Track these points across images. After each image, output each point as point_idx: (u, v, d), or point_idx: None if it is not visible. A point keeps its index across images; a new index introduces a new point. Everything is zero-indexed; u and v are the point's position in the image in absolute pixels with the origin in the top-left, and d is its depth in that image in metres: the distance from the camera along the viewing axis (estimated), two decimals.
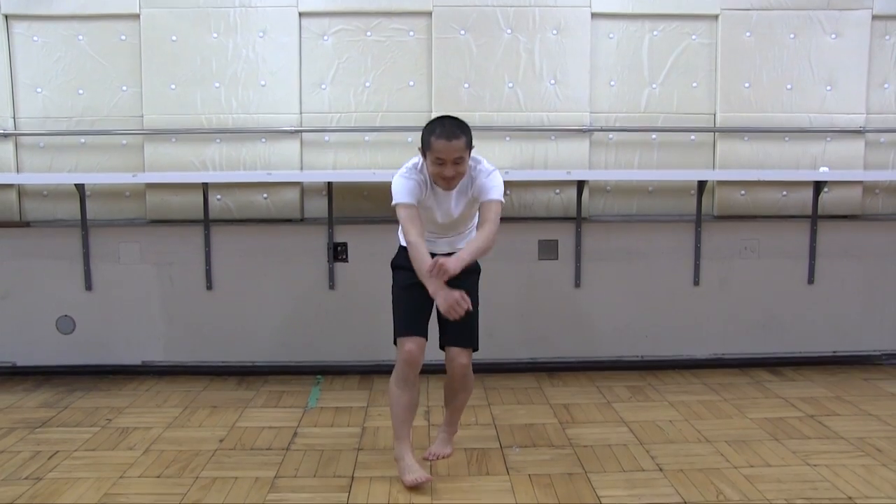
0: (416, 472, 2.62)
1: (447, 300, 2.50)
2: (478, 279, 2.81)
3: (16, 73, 3.99)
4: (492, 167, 2.69)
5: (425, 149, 2.60)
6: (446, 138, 2.54)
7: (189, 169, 4.00)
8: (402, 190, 2.63)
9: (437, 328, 2.75)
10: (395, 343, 2.71)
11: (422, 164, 2.66)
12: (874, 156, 4.17)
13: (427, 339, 2.70)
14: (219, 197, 4.02)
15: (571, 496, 2.56)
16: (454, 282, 2.58)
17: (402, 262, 2.76)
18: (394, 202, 2.63)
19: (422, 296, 2.63)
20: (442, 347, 2.77)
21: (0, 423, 3.35)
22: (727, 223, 4.12)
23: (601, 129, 4.06)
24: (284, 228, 4.04)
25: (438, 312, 2.66)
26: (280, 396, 3.72)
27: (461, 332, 2.71)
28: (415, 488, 2.60)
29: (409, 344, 2.65)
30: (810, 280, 4.14)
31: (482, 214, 2.67)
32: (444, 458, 2.88)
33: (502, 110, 3.98)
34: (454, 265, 2.49)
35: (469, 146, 2.60)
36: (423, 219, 2.66)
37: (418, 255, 2.56)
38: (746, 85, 4.08)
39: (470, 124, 2.64)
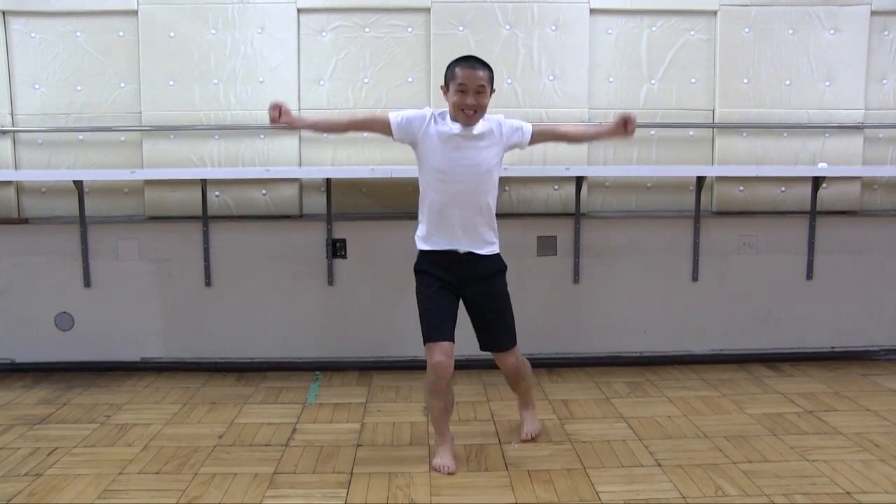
0: (443, 459, 2.74)
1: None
2: (504, 276, 2.88)
3: (13, 70, 3.99)
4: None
5: (448, 80, 2.69)
6: (471, 67, 2.66)
7: (187, 165, 4.00)
8: (407, 112, 2.75)
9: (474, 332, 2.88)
10: (424, 344, 2.75)
11: (438, 114, 2.72)
12: (873, 151, 4.17)
13: (454, 342, 2.75)
14: (217, 193, 4.02)
15: (570, 492, 2.57)
16: (483, 284, 2.78)
17: (424, 267, 2.79)
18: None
19: (448, 301, 2.75)
20: (483, 350, 2.90)
21: None
22: (726, 219, 4.12)
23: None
24: (283, 225, 4.03)
25: (473, 318, 2.84)
26: (279, 393, 3.72)
27: (498, 336, 2.86)
28: (416, 489, 2.62)
29: (438, 355, 2.67)
30: (809, 276, 4.14)
31: (548, 128, 3.00)
32: (537, 435, 3.03)
33: (501, 106, 3.95)
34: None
35: (491, 81, 2.69)
36: (437, 179, 2.71)
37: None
38: (745, 81, 4.08)
39: None
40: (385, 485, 2.64)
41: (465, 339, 2.89)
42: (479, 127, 2.72)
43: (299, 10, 3.97)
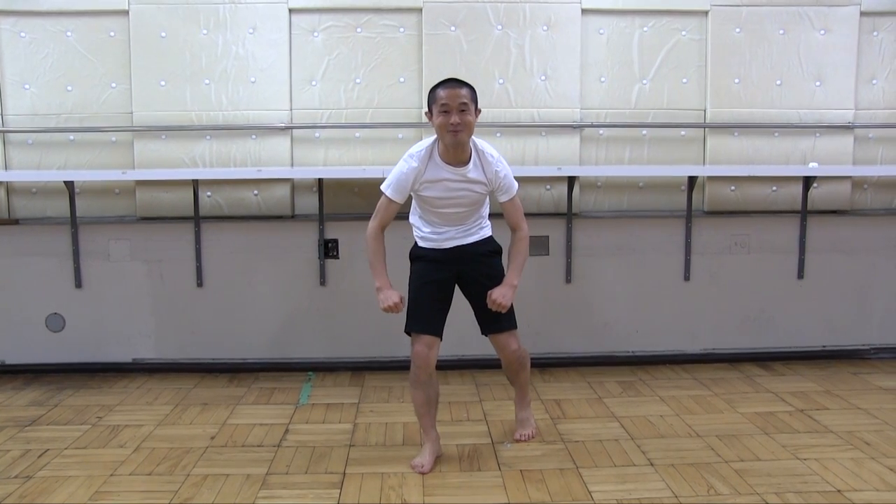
0: (420, 458, 2.76)
1: (385, 301, 2.70)
2: (500, 259, 2.92)
3: (3, 70, 3.97)
4: (497, 154, 2.81)
5: (430, 104, 2.69)
6: (450, 87, 2.66)
7: (179, 166, 3.99)
8: (396, 180, 2.73)
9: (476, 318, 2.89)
10: (407, 333, 2.79)
11: (433, 144, 2.72)
12: (863, 151, 4.19)
13: (441, 338, 2.78)
14: (209, 194, 4.01)
15: (563, 491, 2.57)
16: (482, 269, 2.82)
17: (420, 254, 2.86)
18: (383, 186, 2.75)
19: (440, 293, 2.79)
20: (485, 334, 2.89)
21: None
22: (717, 218, 4.13)
23: (591, 125, 4.07)
24: (275, 225, 4.03)
25: (472, 301, 2.86)
26: (271, 393, 3.71)
27: (500, 316, 2.84)
28: (409, 489, 2.62)
29: (418, 346, 2.72)
30: (800, 275, 4.15)
31: (512, 217, 2.83)
32: (531, 437, 3.03)
33: (493, 106, 3.98)
34: (509, 297, 2.74)
35: (474, 100, 2.69)
36: (430, 210, 2.76)
37: (374, 259, 2.74)
38: (736, 81, 4.10)
39: None
40: (377, 485, 2.64)
41: (461, 338, 2.89)
42: (473, 171, 2.74)
43: (291, 11, 3.97)
